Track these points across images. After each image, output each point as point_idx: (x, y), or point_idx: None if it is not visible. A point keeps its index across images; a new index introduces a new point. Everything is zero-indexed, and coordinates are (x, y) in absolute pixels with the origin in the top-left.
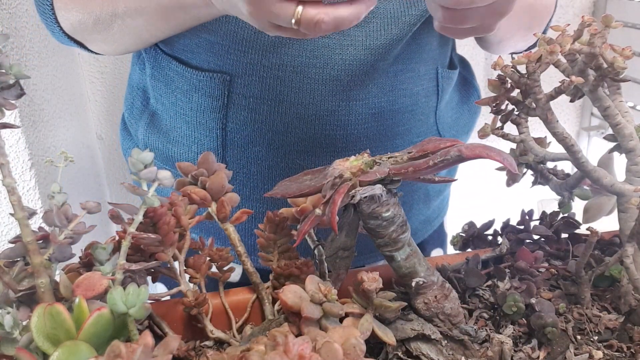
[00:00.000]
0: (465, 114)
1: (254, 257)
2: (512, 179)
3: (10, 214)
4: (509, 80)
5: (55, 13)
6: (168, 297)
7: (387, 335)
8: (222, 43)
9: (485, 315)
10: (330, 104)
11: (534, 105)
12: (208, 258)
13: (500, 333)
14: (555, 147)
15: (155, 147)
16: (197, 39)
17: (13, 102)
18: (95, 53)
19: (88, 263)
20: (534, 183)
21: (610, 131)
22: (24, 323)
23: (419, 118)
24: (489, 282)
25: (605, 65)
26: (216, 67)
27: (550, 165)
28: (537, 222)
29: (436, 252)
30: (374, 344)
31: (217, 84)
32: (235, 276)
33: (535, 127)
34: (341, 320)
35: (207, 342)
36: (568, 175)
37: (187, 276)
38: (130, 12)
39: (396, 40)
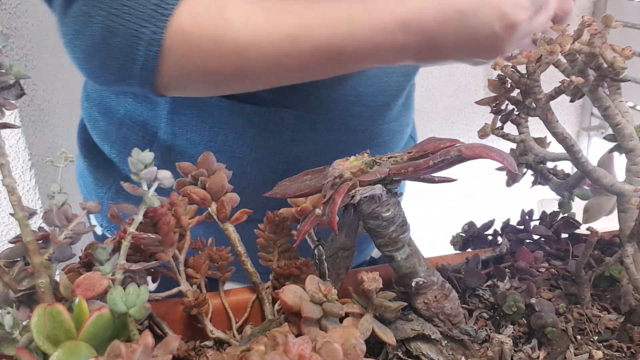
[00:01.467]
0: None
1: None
2: (512, 179)
3: (10, 214)
4: (509, 80)
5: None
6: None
7: (387, 335)
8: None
9: (485, 315)
10: (379, 127)
11: (534, 105)
12: (208, 258)
13: (500, 333)
14: (555, 147)
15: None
16: None
17: (13, 102)
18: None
19: (88, 263)
20: (534, 183)
21: (610, 131)
22: (24, 323)
23: (412, 133)
24: (489, 282)
25: (605, 65)
26: (283, 103)
27: (550, 165)
28: (537, 222)
29: None
30: (374, 344)
31: (285, 120)
32: None
33: (535, 127)
34: (341, 320)
35: (207, 342)
36: (568, 175)
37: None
38: (286, 58)
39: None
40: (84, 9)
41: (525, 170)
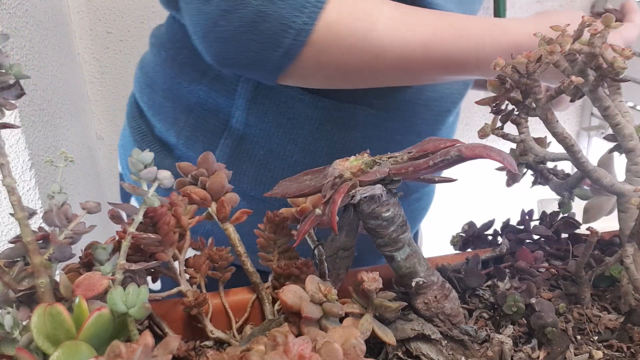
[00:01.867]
0: None
1: None
2: (512, 179)
3: (10, 214)
4: (509, 80)
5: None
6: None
7: (387, 335)
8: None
9: (485, 315)
10: (439, 131)
11: (534, 105)
12: (208, 258)
13: (500, 333)
14: (555, 147)
15: (243, 172)
16: None
17: (13, 102)
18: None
19: (88, 263)
20: (534, 183)
21: (610, 131)
22: (24, 323)
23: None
24: (489, 282)
25: (605, 65)
26: (364, 102)
27: (550, 165)
28: (537, 222)
29: None
30: (374, 344)
31: (362, 117)
32: None
33: (535, 127)
34: (341, 320)
35: (207, 342)
36: (568, 175)
37: (187, 276)
38: (415, 63)
39: None
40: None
41: (525, 170)
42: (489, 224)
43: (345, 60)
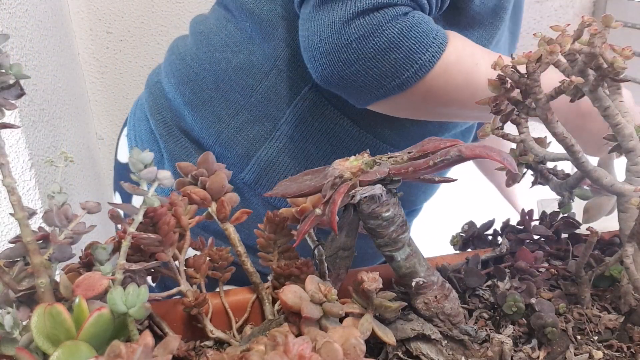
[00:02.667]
0: None
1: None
2: (512, 179)
3: (10, 214)
4: (509, 80)
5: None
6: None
7: (387, 335)
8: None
9: (485, 315)
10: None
11: (534, 105)
12: (208, 258)
13: (500, 333)
14: (555, 147)
15: (274, 183)
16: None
17: (13, 102)
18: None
19: (88, 263)
20: (534, 183)
21: (610, 131)
22: (24, 323)
23: None
24: (489, 282)
25: (605, 65)
26: (390, 139)
27: (550, 165)
28: (537, 222)
29: None
30: (374, 344)
31: (372, 146)
32: None
33: (535, 127)
34: (341, 320)
35: (207, 342)
36: (568, 175)
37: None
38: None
39: None
40: (380, 21)
41: (525, 170)
42: (489, 224)
43: (451, 95)
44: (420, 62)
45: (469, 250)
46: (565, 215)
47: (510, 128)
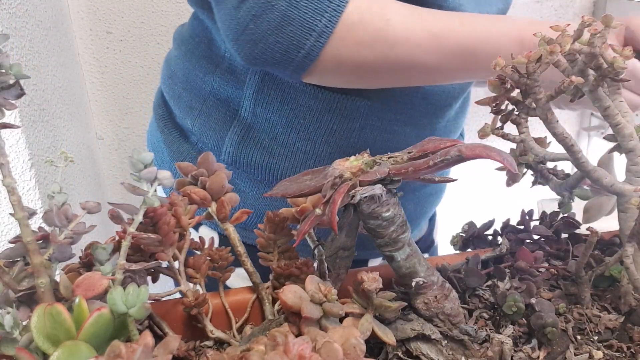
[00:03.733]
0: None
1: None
2: (512, 179)
3: (10, 214)
4: (509, 80)
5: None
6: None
7: (387, 335)
8: None
9: (485, 315)
10: (442, 124)
11: (534, 105)
12: (208, 258)
13: (500, 333)
14: (555, 147)
15: (251, 160)
16: None
17: (13, 102)
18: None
19: (88, 263)
20: (534, 183)
21: (610, 131)
22: (24, 323)
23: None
24: (489, 282)
25: (605, 65)
26: (360, 94)
27: (550, 165)
28: (537, 222)
29: None
30: (374, 344)
31: (357, 107)
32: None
33: (535, 127)
34: (341, 320)
35: (207, 342)
36: (568, 175)
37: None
38: (428, 55)
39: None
40: None
41: (525, 170)
42: (489, 224)
43: (363, 56)
44: (318, 29)
45: (469, 250)
46: (565, 215)
47: (510, 128)
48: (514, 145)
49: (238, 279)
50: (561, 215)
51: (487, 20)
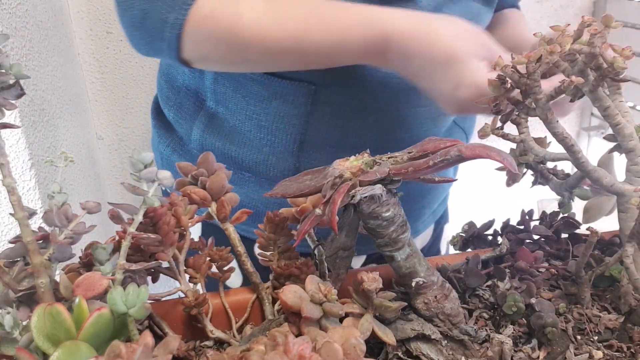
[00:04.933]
0: None
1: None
2: (512, 179)
3: (10, 214)
4: (509, 80)
5: (180, 39)
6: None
7: (387, 335)
8: None
9: (485, 315)
10: (404, 110)
11: (534, 105)
12: (208, 258)
13: (500, 333)
14: (555, 147)
15: (214, 147)
16: None
17: (13, 102)
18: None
19: (88, 263)
20: (534, 183)
21: (610, 131)
22: (24, 323)
23: (456, 119)
24: (489, 282)
25: (605, 65)
26: (303, 77)
27: (550, 165)
28: (537, 222)
29: None
30: (374, 344)
31: (303, 93)
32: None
33: (535, 127)
34: (341, 320)
35: (207, 342)
36: (568, 175)
37: (187, 276)
38: (287, 54)
39: None
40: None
41: (525, 170)
42: (489, 224)
43: (220, 51)
44: (169, 22)
45: (469, 250)
46: (565, 215)
47: (510, 128)
48: (514, 145)
49: (234, 275)
50: (561, 215)
51: (343, 23)
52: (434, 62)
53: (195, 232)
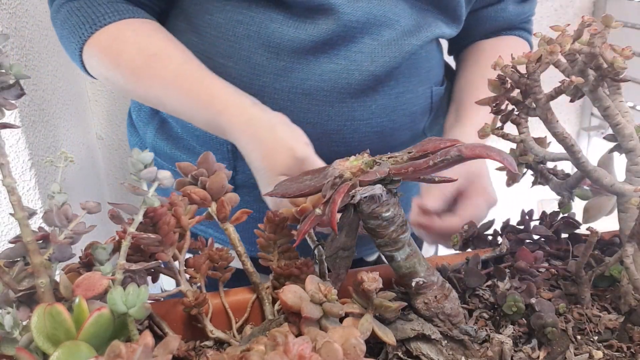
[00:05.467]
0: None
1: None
2: (512, 179)
3: (10, 214)
4: (509, 80)
5: (82, 59)
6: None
7: (387, 335)
8: (236, 67)
9: (485, 315)
10: (336, 123)
11: (534, 105)
12: (208, 258)
13: (500, 333)
14: (555, 147)
15: (164, 151)
16: (213, 63)
17: (13, 102)
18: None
19: (88, 263)
20: (534, 183)
21: (610, 131)
22: (24, 323)
23: (414, 133)
24: (489, 282)
25: (605, 65)
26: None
27: (550, 165)
28: (537, 222)
29: None
30: (374, 344)
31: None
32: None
33: (535, 127)
34: (341, 320)
35: (207, 342)
36: (568, 175)
37: (187, 276)
38: (156, 106)
39: (398, 66)
40: (53, 15)
41: (525, 170)
42: (489, 224)
43: (108, 76)
44: (71, 48)
45: (469, 250)
46: (565, 215)
47: (510, 128)
48: (514, 145)
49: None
50: (561, 215)
51: (197, 93)
52: (251, 165)
53: None
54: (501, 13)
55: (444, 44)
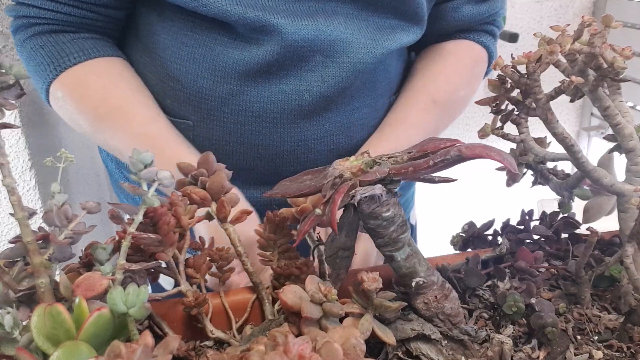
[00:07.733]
0: None
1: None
2: (512, 179)
3: (10, 214)
4: (509, 80)
5: (48, 98)
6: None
7: (387, 335)
8: (184, 91)
9: (485, 315)
10: (289, 144)
11: (534, 105)
12: (208, 258)
13: (500, 333)
14: (555, 147)
15: (123, 165)
16: (163, 85)
17: (13, 102)
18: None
19: (88, 263)
20: (534, 183)
21: (610, 131)
22: (24, 323)
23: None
24: (489, 282)
25: (605, 65)
26: (180, 113)
27: (550, 165)
28: (537, 222)
29: None
30: (374, 344)
31: (182, 129)
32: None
33: (535, 127)
34: (341, 320)
35: (207, 342)
36: (568, 175)
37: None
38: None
39: (350, 86)
40: (18, 47)
41: (525, 170)
42: (489, 224)
43: (70, 117)
44: (38, 85)
45: (469, 250)
46: (565, 215)
47: (510, 128)
48: (514, 145)
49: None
50: (561, 215)
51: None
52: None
53: None
54: (452, 13)
55: None
